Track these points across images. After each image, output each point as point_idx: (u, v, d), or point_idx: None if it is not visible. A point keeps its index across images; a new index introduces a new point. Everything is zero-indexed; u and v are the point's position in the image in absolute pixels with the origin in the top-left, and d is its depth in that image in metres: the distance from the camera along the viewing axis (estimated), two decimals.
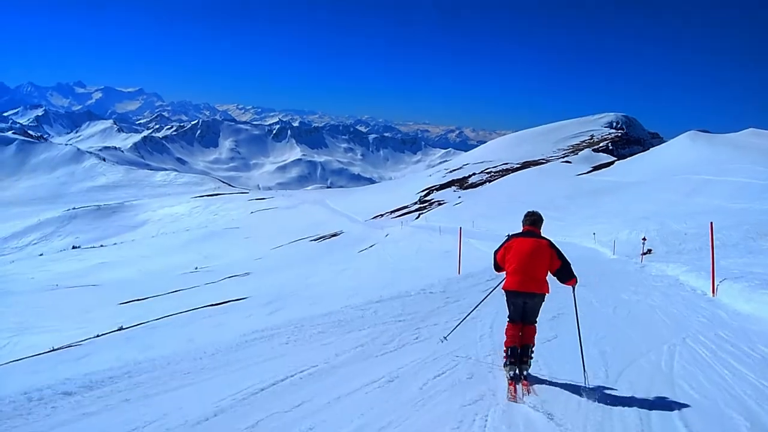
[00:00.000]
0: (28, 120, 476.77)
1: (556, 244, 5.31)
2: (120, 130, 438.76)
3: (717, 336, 7.10)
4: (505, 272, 5.49)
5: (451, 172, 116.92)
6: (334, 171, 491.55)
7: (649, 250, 25.77)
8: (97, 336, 15.90)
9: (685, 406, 4.80)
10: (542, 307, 5.44)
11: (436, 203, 75.55)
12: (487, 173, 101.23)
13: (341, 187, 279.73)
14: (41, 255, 67.36)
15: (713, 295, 10.58)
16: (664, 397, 5.00)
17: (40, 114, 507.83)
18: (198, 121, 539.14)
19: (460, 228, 18.54)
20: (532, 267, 5.13)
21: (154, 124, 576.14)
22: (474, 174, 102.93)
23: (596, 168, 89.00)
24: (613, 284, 13.05)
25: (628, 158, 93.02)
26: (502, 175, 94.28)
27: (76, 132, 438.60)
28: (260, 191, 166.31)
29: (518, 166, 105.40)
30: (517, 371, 5.19)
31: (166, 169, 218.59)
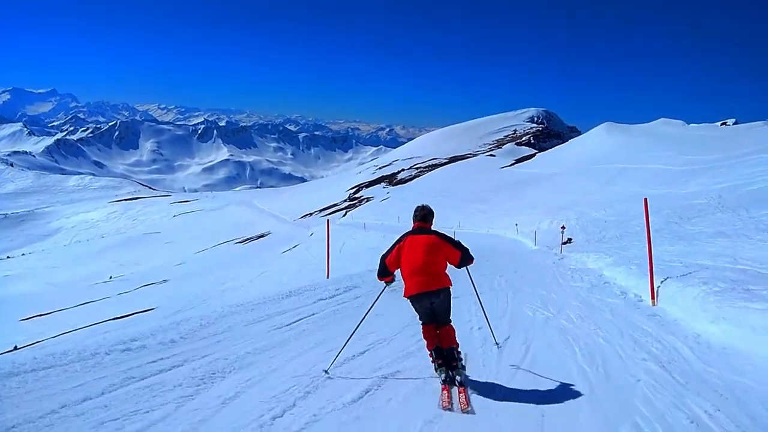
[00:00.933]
0: None
1: (447, 235, 4.89)
2: (31, 133, 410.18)
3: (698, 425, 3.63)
4: (388, 280, 5.08)
5: (380, 168, 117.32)
6: (264, 171, 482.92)
7: (569, 240, 26.11)
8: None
9: None
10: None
11: (365, 200, 75.42)
12: (416, 169, 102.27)
13: (272, 187, 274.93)
14: None
15: (654, 303, 7.43)
16: None
17: None
18: (116, 122, 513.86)
19: (328, 221, 16.04)
20: (429, 263, 4.67)
21: (68, 126, 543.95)
22: (403, 170, 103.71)
23: (519, 161, 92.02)
24: (520, 287, 10.20)
25: (548, 150, 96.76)
26: (430, 170, 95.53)
27: None
28: (185, 194, 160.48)
29: (446, 160, 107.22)
30: (450, 374, 4.60)
31: (81, 173, 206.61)
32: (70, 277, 43.13)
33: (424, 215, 4.92)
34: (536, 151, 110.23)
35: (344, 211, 67.28)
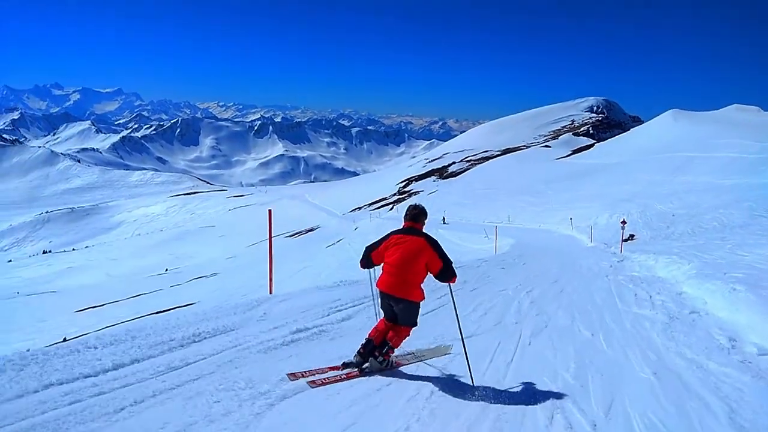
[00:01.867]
0: (4, 124, 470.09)
1: (437, 242, 4.68)
2: (98, 131, 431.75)
3: None
4: (372, 268, 5.08)
5: (431, 161, 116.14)
6: (318, 165, 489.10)
7: (632, 236, 23.73)
8: (29, 350, 14.79)
9: None
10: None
11: (414, 193, 74.72)
12: (467, 161, 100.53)
13: (325, 181, 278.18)
14: (10, 261, 65.33)
15: None
16: None
17: (16, 117, 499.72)
18: (178, 120, 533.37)
19: (270, 211, 9.48)
20: (406, 268, 4.57)
21: (133, 123, 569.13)
22: (454, 163, 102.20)
23: (576, 151, 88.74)
24: (550, 318, 6.87)
25: (608, 140, 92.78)
26: (482, 163, 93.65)
27: (54, 134, 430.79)
28: (241, 188, 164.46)
29: (499, 153, 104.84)
30: (359, 361, 4.64)
31: (144, 169, 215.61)
32: (129, 269, 44.71)
33: (414, 215, 4.83)
34: (595, 141, 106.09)
35: (392, 205, 66.84)
